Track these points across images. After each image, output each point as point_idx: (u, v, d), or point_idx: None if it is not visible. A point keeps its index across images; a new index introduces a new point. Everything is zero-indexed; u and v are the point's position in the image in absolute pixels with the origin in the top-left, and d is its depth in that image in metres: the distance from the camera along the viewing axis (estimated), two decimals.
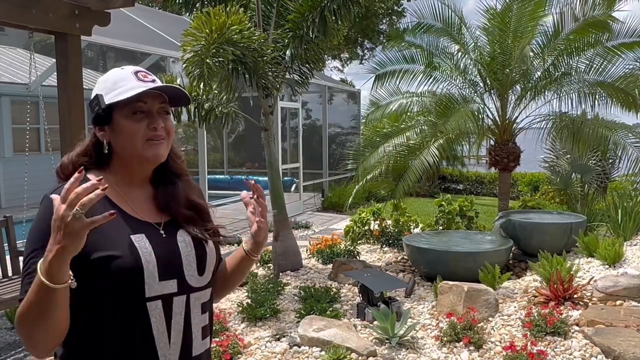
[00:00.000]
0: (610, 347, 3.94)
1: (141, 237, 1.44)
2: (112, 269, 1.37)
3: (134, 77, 1.48)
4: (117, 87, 1.47)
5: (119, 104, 1.46)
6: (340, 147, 15.58)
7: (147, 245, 1.44)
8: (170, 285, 1.45)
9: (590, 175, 9.66)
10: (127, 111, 1.47)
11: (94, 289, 1.38)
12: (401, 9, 24.38)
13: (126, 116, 1.47)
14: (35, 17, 4.22)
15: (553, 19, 8.68)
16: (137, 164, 1.51)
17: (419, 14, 9.16)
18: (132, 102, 1.46)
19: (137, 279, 1.39)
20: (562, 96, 8.56)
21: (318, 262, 7.09)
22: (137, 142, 1.47)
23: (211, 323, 1.62)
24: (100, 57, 14.64)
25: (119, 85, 1.47)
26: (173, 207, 1.55)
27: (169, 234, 1.51)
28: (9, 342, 4.84)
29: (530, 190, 14.33)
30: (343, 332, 4.26)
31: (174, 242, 1.51)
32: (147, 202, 1.54)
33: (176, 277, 1.47)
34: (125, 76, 1.49)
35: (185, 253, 1.51)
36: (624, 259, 5.71)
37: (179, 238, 1.52)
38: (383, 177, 8.44)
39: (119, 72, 1.51)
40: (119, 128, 1.47)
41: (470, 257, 6.09)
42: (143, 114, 1.48)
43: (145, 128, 1.47)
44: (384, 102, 10.19)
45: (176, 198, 1.56)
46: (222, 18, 5.21)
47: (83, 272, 1.35)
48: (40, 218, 1.39)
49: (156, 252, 1.44)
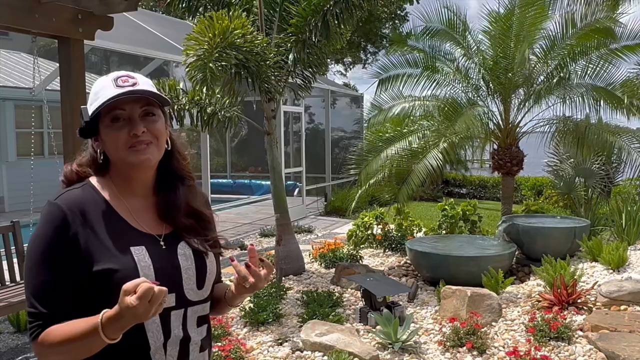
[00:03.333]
0: (614, 352, 3.92)
1: (141, 250, 1.42)
2: (111, 282, 1.35)
3: (112, 84, 1.45)
4: (98, 97, 1.45)
5: (101, 114, 1.44)
6: (343, 151, 15.56)
7: (147, 259, 1.42)
8: (168, 299, 1.39)
9: (594, 179, 9.62)
10: (107, 120, 1.45)
11: (94, 301, 1.36)
12: (404, 13, 24.41)
13: (107, 125, 1.45)
14: (39, 21, 4.23)
15: (556, 23, 8.68)
16: (129, 170, 1.48)
17: (427, 17, 9.16)
18: (111, 110, 1.43)
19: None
20: (566, 100, 8.54)
21: (321, 267, 7.07)
22: (119, 150, 1.44)
23: (209, 336, 1.59)
24: (104, 62, 14.68)
25: (99, 95, 1.45)
26: (173, 214, 1.52)
27: (170, 245, 1.49)
28: (11, 347, 4.83)
29: (533, 195, 14.29)
30: (346, 337, 4.25)
31: (174, 255, 1.48)
32: (148, 212, 1.51)
33: (175, 291, 1.45)
34: (105, 84, 1.46)
35: (185, 267, 1.49)
36: (628, 263, 5.68)
37: (179, 251, 1.50)
38: (386, 182, 8.42)
39: (101, 81, 1.49)
40: (103, 137, 1.47)
41: (473, 261, 6.07)
42: (124, 121, 1.44)
43: (127, 135, 1.43)
44: (386, 106, 10.17)
45: (176, 204, 1.53)
46: (225, 22, 5.21)
47: (85, 283, 1.37)
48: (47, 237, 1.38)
49: (155, 265, 1.42)
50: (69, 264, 1.37)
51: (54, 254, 1.37)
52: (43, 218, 1.40)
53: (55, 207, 1.38)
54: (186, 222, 1.53)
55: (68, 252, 1.36)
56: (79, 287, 1.37)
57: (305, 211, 12.54)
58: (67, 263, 1.37)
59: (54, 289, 1.36)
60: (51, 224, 1.37)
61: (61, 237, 1.37)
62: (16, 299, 4.47)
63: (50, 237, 1.36)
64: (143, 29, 11.75)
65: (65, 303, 1.36)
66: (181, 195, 1.54)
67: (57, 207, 1.39)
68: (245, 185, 15.12)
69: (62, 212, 1.38)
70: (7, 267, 4.96)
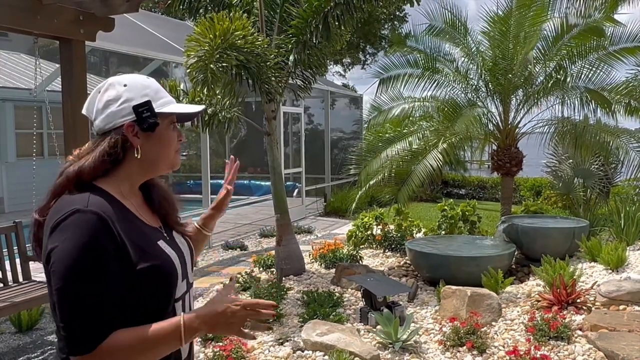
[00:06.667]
0: (613, 351, 3.94)
1: (163, 243, 1.51)
2: (156, 277, 1.43)
3: (163, 89, 1.58)
4: (160, 97, 1.53)
5: (163, 114, 1.52)
6: (342, 152, 15.58)
7: (171, 250, 1.51)
8: (184, 284, 1.55)
9: (592, 180, 9.65)
10: (168, 122, 1.54)
11: (135, 299, 1.40)
12: (403, 14, 24.43)
13: (167, 127, 1.54)
14: (40, 22, 4.25)
15: (555, 24, 8.70)
16: (160, 170, 1.58)
17: (430, 16, 9.18)
18: (172, 115, 1.55)
19: (173, 282, 1.49)
20: (565, 101, 8.56)
21: (321, 267, 7.09)
22: (171, 151, 1.56)
23: None
24: (103, 62, 14.70)
25: (160, 95, 1.54)
26: (166, 208, 1.62)
27: (170, 236, 1.59)
28: (13, 347, 4.85)
29: (532, 195, 14.30)
30: (346, 337, 4.27)
31: (177, 244, 1.59)
32: (146, 208, 1.58)
33: (185, 276, 1.56)
34: (159, 86, 1.57)
35: (185, 253, 1.60)
36: (627, 263, 5.70)
37: (177, 240, 1.60)
38: (386, 182, 8.43)
39: (152, 81, 1.57)
40: (159, 137, 1.52)
41: (473, 261, 6.09)
42: (174, 125, 1.57)
43: (176, 140, 1.58)
44: (386, 107, 10.20)
45: (168, 199, 1.64)
46: (225, 23, 5.23)
47: (128, 283, 1.39)
48: (96, 245, 1.34)
49: (177, 255, 1.53)
50: (118, 267, 1.37)
51: (106, 260, 1.34)
52: (80, 226, 1.34)
53: (94, 215, 1.35)
54: (174, 213, 1.65)
55: (117, 256, 1.36)
56: (124, 288, 1.38)
57: (304, 212, 12.55)
58: (117, 267, 1.36)
59: (110, 294, 1.34)
60: (96, 231, 1.34)
61: (109, 243, 1.35)
62: (19, 299, 4.50)
63: (99, 244, 1.34)
64: (143, 30, 11.76)
65: (117, 307, 1.36)
66: (167, 189, 1.67)
67: (95, 214, 1.35)
68: (245, 185, 15.12)
69: (102, 219, 1.36)
70: (10, 268, 4.98)
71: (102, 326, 1.32)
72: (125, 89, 1.50)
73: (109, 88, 1.52)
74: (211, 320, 1.38)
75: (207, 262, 8.14)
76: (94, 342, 1.31)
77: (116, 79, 1.54)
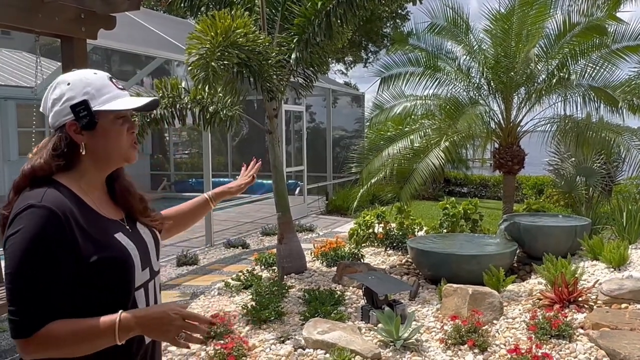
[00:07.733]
0: (615, 350, 3.93)
1: (120, 235, 1.55)
2: (110, 268, 1.48)
3: (111, 83, 1.58)
4: (103, 94, 1.54)
5: (105, 111, 1.54)
6: (344, 150, 15.57)
7: (129, 242, 1.56)
8: (145, 273, 1.61)
9: (595, 178, 9.64)
10: (112, 117, 1.56)
11: (89, 290, 1.46)
12: (405, 12, 24.41)
13: (112, 122, 1.56)
14: (42, 21, 4.25)
15: (557, 22, 8.68)
16: (113, 165, 1.61)
17: (432, 14, 9.17)
18: (113, 111, 1.56)
19: (130, 272, 1.53)
20: (567, 99, 8.54)
21: (322, 265, 7.09)
22: (121, 145, 1.58)
23: None
24: (105, 61, 14.70)
25: (103, 92, 1.55)
26: (129, 200, 1.66)
27: (132, 227, 1.64)
28: (13, 345, 4.84)
29: (534, 194, 14.29)
30: (348, 335, 4.27)
31: (139, 235, 1.64)
32: (108, 202, 1.63)
33: (148, 265, 1.62)
34: (105, 82, 1.57)
35: (149, 243, 1.66)
36: (629, 262, 5.69)
37: (140, 230, 1.67)
38: (387, 180, 8.43)
39: (97, 77, 1.57)
40: (105, 133, 1.55)
41: (474, 259, 6.08)
42: (124, 119, 1.59)
43: (127, 133, 1.59)
44: (388, 105, 10.18)
45: (131, 191, 1.69)
46: (227, 21, 5.22)
47: (80, 276, 1.44)
48: (45, 236, 1.41)
49: (136, 246, 1.57)
50: (68, 259, 1.43)
51: (54, 251, 1.40)
52: (32, 219, 1.41)
53: (45, 209, 1.42)
54: (137, 205, 1.70)
55: (67, 248, 1.42)
56: (74, 280, 1.44)
57: (306, 210, 12.56)
58: (67, 259, 1.42)
59: (57, 284, 1.41)
60: (46, 224, 1.40)
61: (60, 235, 1.42)
62: None
63: (48, 236, 1.40)
64: (144, 28, 11.76)
65: (64, 298, 1.42)
66: (130, 183, 1.71)
67: (47, 209, 1.42)
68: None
69: (54, 213, 1.42)
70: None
71: (44, 314, 1.38)
72: (68, 88, 1.54)
73: (55, 87, 1.57)
74: (147, 323, 1.42)
75: (209, 260, 8.15)
76: (33, 328, 1.37)
77: (62, 77, 1.58)
